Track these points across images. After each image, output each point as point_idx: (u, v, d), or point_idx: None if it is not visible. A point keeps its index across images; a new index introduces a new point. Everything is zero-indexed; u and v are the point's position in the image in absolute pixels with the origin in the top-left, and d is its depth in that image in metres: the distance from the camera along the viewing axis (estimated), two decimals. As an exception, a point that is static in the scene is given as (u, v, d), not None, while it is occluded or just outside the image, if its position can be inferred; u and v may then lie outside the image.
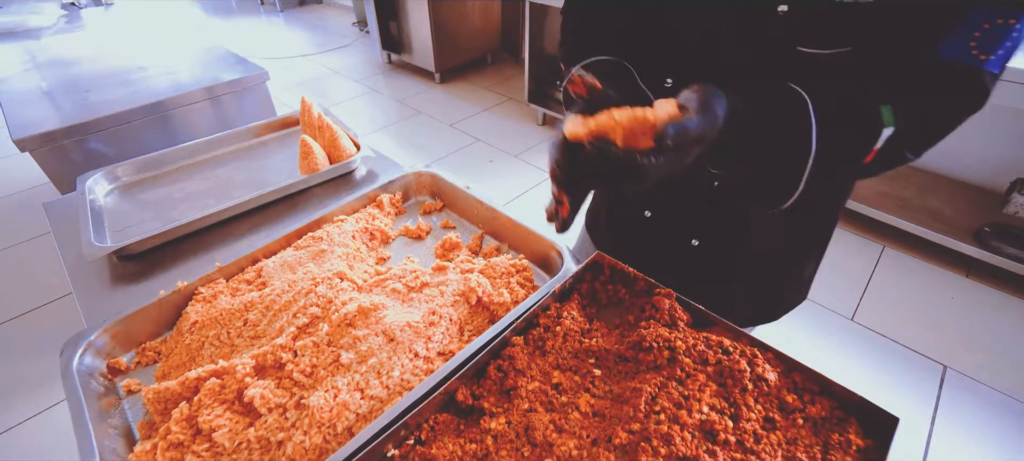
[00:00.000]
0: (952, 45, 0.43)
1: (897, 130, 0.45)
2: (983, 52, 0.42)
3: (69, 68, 1.60)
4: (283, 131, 1.13)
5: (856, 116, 0.46)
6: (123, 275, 0.77)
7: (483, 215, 0.78)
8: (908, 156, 0.49)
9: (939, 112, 0.47)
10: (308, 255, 0.67)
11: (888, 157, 0.48)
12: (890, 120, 0.45)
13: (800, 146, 0.46)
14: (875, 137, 0.46)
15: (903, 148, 0.47)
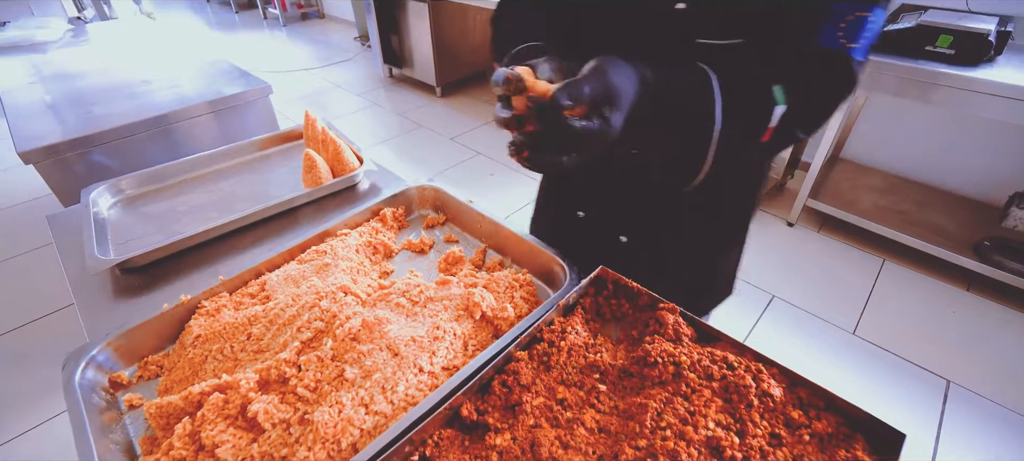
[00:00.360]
0: (825, 35, 0.50)
1: (788, 108, 0.52)
2: (849, 40, 0.50)
3: (74, 81, 1.62)
4: (286, 145, 1.13)
5: (754, 94, 0.52)
6: (126, 288, 0.77)
7: (486, 229, 0.79)
8: (799, 134, 0.55)
9: (820, 93, 0.54)
10: (312, 269, 0.67)
11: (782, 135, 0.54)
12: (782, 99, 0.51)
13: (706, 118, 0.51)
14: (770, 114, 0.52)
15: (794, 126, 0.54)
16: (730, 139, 0.52)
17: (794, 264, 2.15)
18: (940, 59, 1.77)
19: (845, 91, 0.54)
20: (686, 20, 0.55)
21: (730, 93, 0.51)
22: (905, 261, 2.12)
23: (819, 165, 2.16)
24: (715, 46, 0.56)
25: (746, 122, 0.52)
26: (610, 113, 0.45)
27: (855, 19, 0.49)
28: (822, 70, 0.52)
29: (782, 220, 2.41)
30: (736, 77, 0.52)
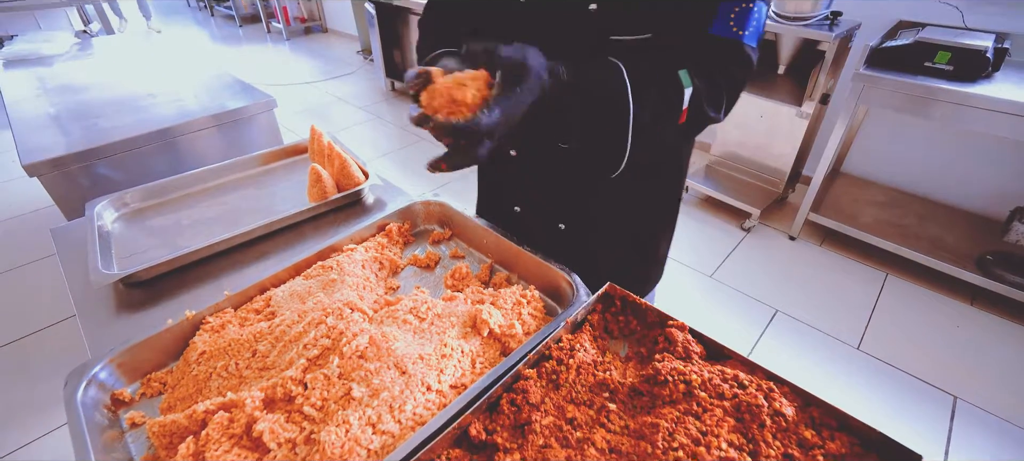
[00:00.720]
0: (718, 25, 0.59)
1: (695, 89, 0.59)
2: (740, 28, 0.58)
3: (79, 94, 1.62)
4: (291, 159, 1.14)
5: (663, 80, 0.59)
6: (129, 302, 0.77)
7: (492, 244, 0.78)
8: (711, 114, 0.62)
9: (721, 76, 0.61)
10: (318, 284, 0.66)
11: (696, 115, 0.61)
12: (687, 81, 0.59)
13: (620, 104, 0.57)
14: (681, 96, 0.58)
15: (705, 106, 0.60)
16: (647, 123, 0.58)
17: (796, 278, 2.14)
18: (939, 75, 1.79)
19: (743, 73, 0.62)
20: (599, 20, 0.61)
21: (639, 80, 0.57)
22: (908, 275, 2.12)
23: (820, 179, 2.16)
24: (626, 42, 0.62)
25: (658, 105, 0.58)
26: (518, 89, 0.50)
27: (743, 9, 0.58)
28: (719, 55, 0.60)
29: (784, 234, 2.41)
30: (643, 66, 0.58)
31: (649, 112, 0.58)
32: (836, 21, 2.03)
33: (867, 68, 1.87)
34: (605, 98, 0.57)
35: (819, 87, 2.15)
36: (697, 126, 0.63)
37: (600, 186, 0.77)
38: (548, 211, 0.83)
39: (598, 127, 0.60)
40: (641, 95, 0.57)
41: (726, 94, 0.62)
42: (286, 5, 5.93)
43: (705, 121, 0.63)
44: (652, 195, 0.82)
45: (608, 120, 0.58)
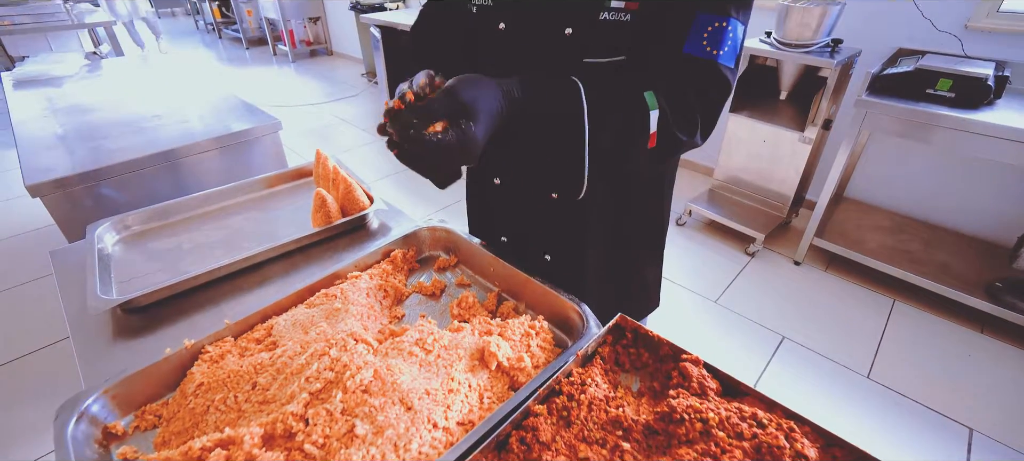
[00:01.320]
0: (691, 44, 0.58)
1: (663, 111, 0.58)
2: (714, 47, 0.58)
3: (86, 115, 1.63)
4: (295, 182, 1.13)
5: (628, 102, 0.58)
6: (126, 329, 0.75)
7: (499, 273, 0.77)
8: (682, 138, 0.60)
9: (695, 97, 0.59)
10: (321, 314, 0.64)
11: (667, 140, 0.59)
12: (653, 103, 0.57)
13: (574, 126, 0.56)
14: (647, 119, 0.57)
15: (674, 129, 0.59)
16: (607, 145, 0.57)
17: (803, 304, 2.11)
18: (941, 102, 1.79)
19: (719, 94, 0.60)
20: (573, 42, 0.62)
21: (600, 101, 0.57)
22: (916, 302, 2.09)
23: (825, 203, 2.16)
24: (600, 64, 0.63)
25: (621, 127, 0.57)
26: (467, 125, 0.50)
27: (717, 28, 0.57)
28: (694, 75, 0.59)
29: (788, 259, 2.39)
30: (607, 87, 0.58)
31: (610, 134, 0.57)
32: (837, 48, 2.05)
33: (869, 94, 1.88)
34: (558, 117, 0.57)
35: (821, 113, 2.16)
36: (668, 150, 0.61)
37: (583, 214, 0.77)
38: (533, 241, 0.83)
39: (553, 147, 0.59)
40: (600, 117, 0.57)
41: (701, 116, 0.61)
42: (293, 29, 6.04)
43: (677, 144, 0.61)
44: (635, 222, 0.82)
45: (562, 140, 0.58)
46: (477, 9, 0.71)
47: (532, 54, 0.67)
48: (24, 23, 3.34)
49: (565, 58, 0.64)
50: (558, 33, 0.63)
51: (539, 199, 0.79)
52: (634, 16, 0.60)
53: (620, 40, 0.62)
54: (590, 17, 0.61)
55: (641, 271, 0.89)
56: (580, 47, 0.63)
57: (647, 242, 0.87)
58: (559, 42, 0.64)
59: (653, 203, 0.83)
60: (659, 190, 0.83)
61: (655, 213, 0.84)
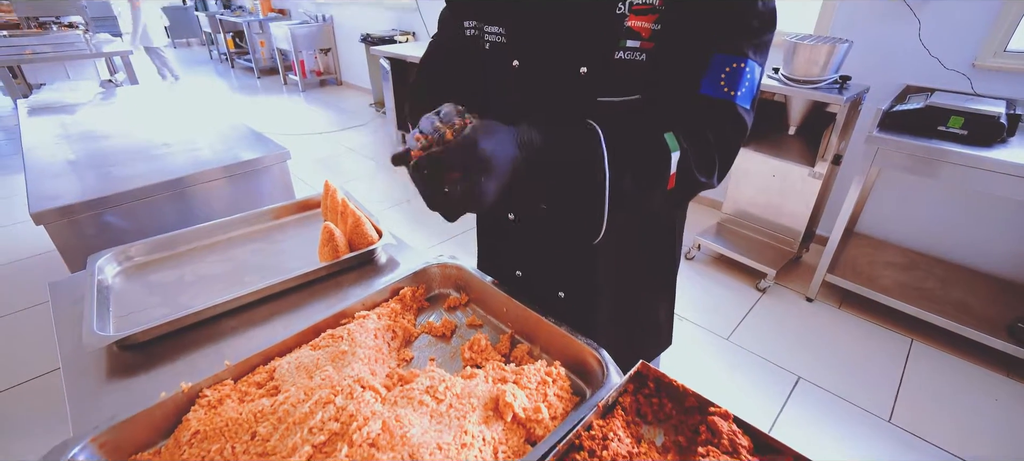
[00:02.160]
0: (707, 85, 0.57)
1: (684, 152, 0.56)
2: (732, 88, 0.56)
3: (96, 142, 1.64)
4: (302, 213, 1.11)
5: (647, 143, 0.57)
6: (121, 367, 0.71)
7: (513, 313, 0.74)
8: (701, 179, 0.59)
9: (714, 138, 0.58)
10: (327, 357, 0.61)
11: (686, 181, 0.58)
12: (674, 145, 0.56)
13: (594, 170, 0.55)
14: (668, 161, 0.56)
15: (694, 171, 0.57)
16: (627, 188, 0.56)
17: (817, 343, 2.05)
18: (953, 139, 1.78)
19: (736, 135, 0.59)
20: (588, 81, 0.61)
21: (618, 144, 0.55)
22: (935, 342, 2.02)
23: (837, 240, 2.12)
24: (615, 103, 0.62)
25: (641, 170, 0.56)
26: (478, 179, 0.49)
27: (735, 69, 0.56)
28: (711, 116, 0.57)
29: (800, 295, 2.34)
30: (626, 129, 0.57)
31: (630, 177, 0.56)
32: (845, 85, 2.06)
33: (880, 131, 1.87)
34: (579, 163, 0.56)
35: (831, 148, 2.15)
36: (686, 191, 0.60)
37: (596, 253, 0.75)
38: (547, 277, 0.81)
39: (572, 192, 0.57)
40: (620, 160, 0.56)
41: (718, 157, 0.59)
42: (304, 59, 6.18)
43: (695, 186, 0.60)
44: (647, 260, 0.80)
45: (583, 185, 0.56)
46: (490, 45, 0.70)
47: (546, 92, 0.66)
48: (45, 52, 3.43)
49: (579, 97, 0.63)
50: (573, 72, 0.62)
51: (553, 237, 0.77)
52: (649, 56, 0.59)
53: (635, 79, 0.60)
54: (605, 56, 0.60)
55: (653, 309, 0.87)
56: (595, 86, 0.62)
57: (659, 279, 0.85)
58: (574, 81, 0.63)
59: (665, 240, 0.81)
60: (671, 226, 0.81)
61: (667, 249, 0.83)
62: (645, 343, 0.89)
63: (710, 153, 0.59)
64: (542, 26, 0.63)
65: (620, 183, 0.56)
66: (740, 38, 0.57)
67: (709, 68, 0.57)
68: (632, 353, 0.66)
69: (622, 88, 0.61)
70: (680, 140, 0.57)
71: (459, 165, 0.50)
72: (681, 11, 0.56)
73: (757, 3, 0.56)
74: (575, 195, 0.58)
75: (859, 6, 2.24)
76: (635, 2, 0.57)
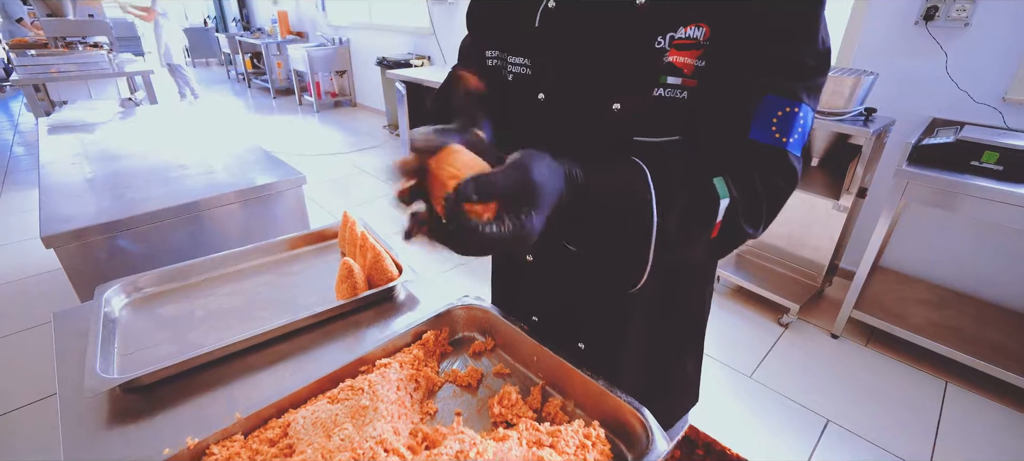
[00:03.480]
0: (757, 129, 0.51)
1: (733, 201, 0.51)
2: (783, 134, 0.51)
3: (113, 162, 1.62)
4: (318, 244, 1.07)
5: (695, 188, 0.51)
6: (123, 411, 0.66)
7: (544, 363, 0.68)
8: (747, 230, 0.53)
9: (762, 187, 0.53)
10: (346, 412, 0.56)
11: (731, 231, 0.53)
12: (724, 191, 0.51)
13: (642, 214, 0.49)
14: (716, 207, 0.51)
15: (740, 220, 0.52)
16: (672, 235, 0.51)
17: (845, 383, 1.96)
18: (987, 175, 1.72)
19: (787, 185, 0.54)
20: (623, 119, 0.57)
21: (666, 187, 0.50)
22: (971, 385, 1.92)
23: (865, 274, 2.04)
24: (651, 144, 0.57)
25: (688, 216, 0.51)
26: (528, 214, 0.42)
27: (787, 114, 0.51)
28: (761, 163, 0.52)
29: (825, 331, 2.25)
30: (673, 171, 0.52)
31: (675, 223, 0.50)
32: (871, 117, 2.01)
33: (910, 165, 1.81)
34: (625, 207, 0.50)
35: (856, 180, 2.09)
36: (730, 243, 0.55)
37: (625, 301, 0.69)
38: (567, 326, 0.75)
39: (615, 237, 0.52)
40: (667, 203, 0.50)
41: (767, 208, 0.54)
42: (319, 80, 6.28)
43: (740, 238, 0.54)
44: (678, 310, 0.74)
45: (627, 230, 0.51)
46: (513, 77, 0.66)
47: (574, 128, 0.61)
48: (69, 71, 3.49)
49: (612, 135, 0.58)
50: (605, 108, 0.57)
51: (577, 282, 0.71)
52: (692, 94, 0.54)
53: (675, 118, 0.56)
54: (642, 92, 0.55)
55: (681, 363, 0.81)
56: (630, 124, 0.57)
57: (689, 331, 0.79)
58: (605, 117, 0.57)
59: (697, 288, 0.76)
60: (705, 275, 0.76)
61: (698, 299, 0.77)
62: (672, 401, 0.83)
63: (758, 203, 0.53)
64: (570, 59, 0.59)
65: (666, 229, 0.50)
66: (795, 79, 0.51)
67: (760, 110, 0.51)
68: (657, 411, 0.60)
69: (661, 128, 0.57)
70: (730, 187, 0.52)
71: (508, 192, 0.42)
72: (730, 47, 0.52)
73: (817, 42, 0.51)
74: (615, 238, 0.52)
75: (882, 38, 2.20)
76: (677, 36, 0.52)
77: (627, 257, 0.53)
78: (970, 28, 1.97)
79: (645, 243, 0.50)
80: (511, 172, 0.43)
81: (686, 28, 0.52)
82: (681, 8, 0.52)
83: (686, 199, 0.51)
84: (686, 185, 0.52)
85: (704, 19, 0.51)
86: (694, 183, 0.52)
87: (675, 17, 0.52)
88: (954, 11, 1.97)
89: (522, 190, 0.42)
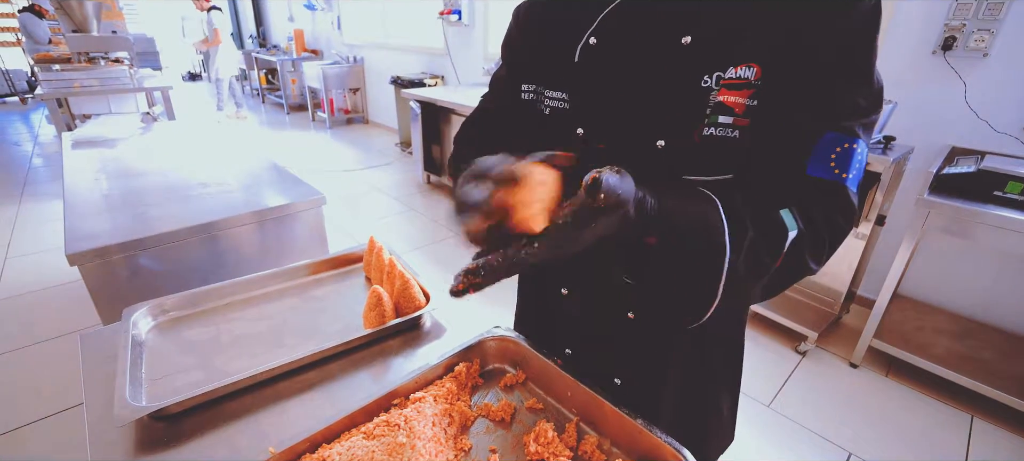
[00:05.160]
0: (815, 165, 0.51)
1: (800, 234, 0.50)
2: (842, 170, 0.51)
3: (134, 179, 1.64)
4: (342, 269, 1.07)
5: (763, 218, 0.50)
6: (152, 440, 0.66)
7: (578, 398, 0.67)
8: (811, 265, 0.52)
9: (823, 223, 0.51)
10: (383, 450, 0.55)
11: (795, 265, 0.52)
12: (793, 224, 0.50)
13: (715, 249, 0.48)
14: (784, 240, 0.49)
15: (807, 256, 0.51)
16: (740, 270, 0.49)
17: (867, 414, 1.91)
18: (1011, 205, 1.70)
19: (847, 222, 0.53)
20: (667, 157, 0.56)
21: (738, 220, 0.49)
22: (998, 420, 1.86)
23: (885, 303, 2.01)
24: (702, 182, 0.55)
25: (756, 249, 0.50)
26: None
27: (845, 150, 0.50)
28: (820, 199, 0.51)
29: (843, 359, 2.21)
30: (741, 204, 0.50)
31: (744, 258, 0.49)
32: (889, 145, 2.00)
33: (931, 194, 1.79)
34: (698, 239, 0.48)
35: (875, 207, 2.07)
36: (792, 276, 0.53)
37: (666, 338, 0.67)
38: (602, 360, 0.73)
39: (685, 271, 0.51)
40: (739, 239, 0.48)
41: (829, 243, 0.52)
42: (333, 97, 6.38)
43: (803, 272, 0.53)
44: (717, 348, 0.72)
45: (698, 264, 0.49)
46: (550, 111, 0.65)
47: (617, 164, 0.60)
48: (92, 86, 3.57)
49: (658, 172, 0.57)
50: (648, 146, 0.56)
51: (615, 316, 0.69)
52: (743, 132, 0.53)
53: (727, 157, 0.54)
54: (688, 131, 0.54)
55: (717, 402, 0.78)
56: (675, 162, 0.56)
57: (728, 368, 0.77)
58: (649, 156, 0.56)
59: (735, 323, 0.74)
60: (742, 310, 0.75)
61: (735, 334, 0.75)
62: (708, 443, 0.80)
63: (822, 238, 0.52)
64: (610, 95, 0.59)
65: (735, 264, 0.48)
66: (850, 117, 0.51)
67: (818, 147, 0.50)
68: (695, 452, 0.58)
69: (712, 166, 0.56)
70: (797, 220, 0.50)
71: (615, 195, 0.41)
72: (784, 85, 0.51)
73: (872, 81, 0.51)
74: (685, 271, 0.51)
75: (901, 67, 2.21)
76: (727, 76, 0.52)
77: (694, 291, 0.51)
78: (989, 58, 1.97)
79: (715, 278, 0.49)
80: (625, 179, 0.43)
81: (737, 69, 0.51)
82: (729, 46, 0.52)
83: (755, 234, 0.50)
84: (755, 219, 0.50)
85: (754, 58, 0.51)
86: (763, 216, 0.50)
87: (723, 56, 0.52)
88: (973, 42, 1.97)
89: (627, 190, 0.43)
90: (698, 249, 0.48)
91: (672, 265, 0.50)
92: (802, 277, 0.54)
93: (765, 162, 0.54)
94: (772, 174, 0.54)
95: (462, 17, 4.35)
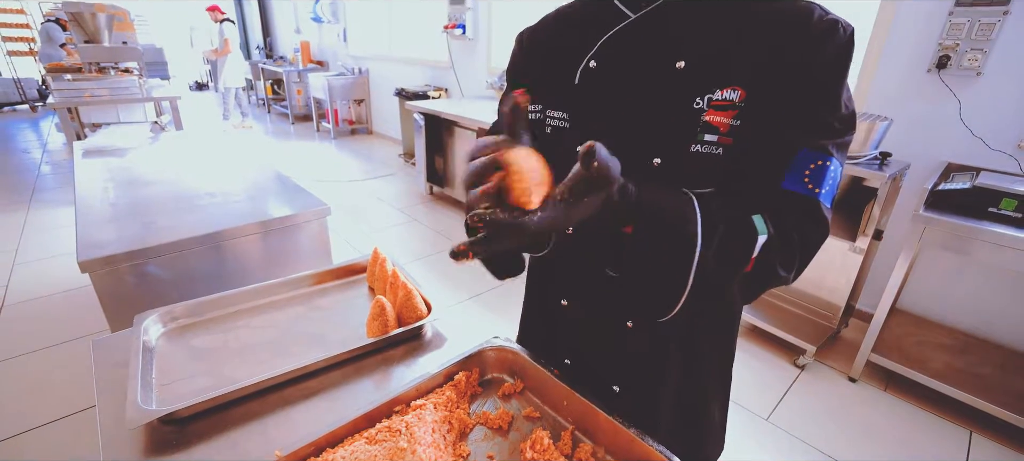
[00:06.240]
0: (791, 180, 0.54)
1: (770, 238, 0.53)
2: (815, 185, 0.54)
3: (142, 189, 1.68)
4: (346, 279, 1.09)
5: (735, 219, 0.53)
6: (159, 443, 0.68)
7: (574, 408, 0.69)
8: (780, 272, 0.55)
9: (796, 234, 0.54)
10: (384, 454, 0.57)
11: (764, 271, 0.54)
12: (763, 228, 0.53)
13: (686, 240, 0.51)
14: (753, 241, 0.52)
15: (775, 261, 0.54)
16: (709, 264, 0.52)
17: (866, 430, 1.91)
18: (1006, 221, 1.72)
19: (819, 235, 0.56)
20: (662, 174, 0.59)
21: (710, 217, 0.52)
22: (996, 436, 1.87)
23: (883, 317, 2.02)
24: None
25: (725, 247, 0.53)
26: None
27: (818, 167, 0.54)
28: (793, 211, 0.55)
29: (842, 374, 2.21)
30: (716, 205, 0.54)
31: (714, 254, 0.52)
32: (886, 161, 2.03)
33: (927, 210, 1.82)
34: (671, 228, 0.52)
35: (872, 222, 2.10)
36: (762, 283, 0.57)
37: (667, 342, 0.70)
38: (602, 369, 0.75)
39: (658, 259, 0.54)
40: (710, 233, 0.52)
41: (800, 254, 0.56)
42: (338, 108, 6.45)
43: (773, 279, 0.56)
44: (707, 356, 0.75)
45: (670, 253, 0.53)
46: (552, 130, 0.68)
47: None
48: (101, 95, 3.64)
49: None
50: (645, 163, 0.60)
51: (614, 325, 0.72)
52: (726, 150, 0.57)
53: (711, 173, 0.58)
54: (680, 148, 0.58)
55: (709, 410, 0.80)
56: (669, 177, 0.59)
57: (717, 375, 0.79)
58: (646, 171, 0.60)
59: (726, 331, 0.76)
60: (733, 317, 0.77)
61: (727, 342, 0.77)
62: (700, 449, 0.81)
63: (793, 248, 0.55)
64: (609, 115, 0.62)
65: (706, 258, 0.52)
66: (824, 136, 0.55)
67: (794, 163, 0.55)
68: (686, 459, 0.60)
69: (697, 181, 0.59)
70: (768, 225, 0.54)
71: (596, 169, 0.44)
72: (764, 108, 0.55)
73: (841, 107, 0.55)
74: (658, 259, 0.54)
75: (896, 84, 2.24)
76: (714, 97, 0.56)
77: (665, 281, 0.55)
78: (983, 77, 2.00)
79: (685, 269, 0.52)
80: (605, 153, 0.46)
81: (723, 91, 0.55)
82: (718, 71, 0.56)
83: (725, 230, 0.53)
84: (727, 219, 0.54)
85: (739, 83, 0.55)
86: (734, 217, 0.54)
87: (713, 79, 0.56)
88: (966, 61, 2.01)
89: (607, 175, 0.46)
90: (671, 238, 0.52)
91: (646, 253, 0.54)
92: (776, 284, 0.57)
93: (744, 177, 0.57)
94: (750, 186, 0.57)
95: (466, 31, 4.42)
